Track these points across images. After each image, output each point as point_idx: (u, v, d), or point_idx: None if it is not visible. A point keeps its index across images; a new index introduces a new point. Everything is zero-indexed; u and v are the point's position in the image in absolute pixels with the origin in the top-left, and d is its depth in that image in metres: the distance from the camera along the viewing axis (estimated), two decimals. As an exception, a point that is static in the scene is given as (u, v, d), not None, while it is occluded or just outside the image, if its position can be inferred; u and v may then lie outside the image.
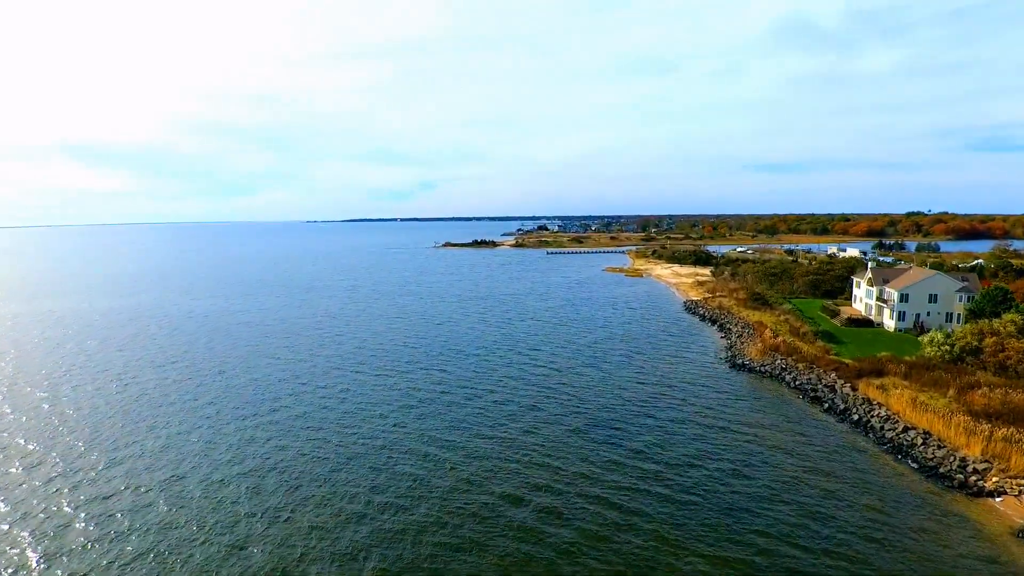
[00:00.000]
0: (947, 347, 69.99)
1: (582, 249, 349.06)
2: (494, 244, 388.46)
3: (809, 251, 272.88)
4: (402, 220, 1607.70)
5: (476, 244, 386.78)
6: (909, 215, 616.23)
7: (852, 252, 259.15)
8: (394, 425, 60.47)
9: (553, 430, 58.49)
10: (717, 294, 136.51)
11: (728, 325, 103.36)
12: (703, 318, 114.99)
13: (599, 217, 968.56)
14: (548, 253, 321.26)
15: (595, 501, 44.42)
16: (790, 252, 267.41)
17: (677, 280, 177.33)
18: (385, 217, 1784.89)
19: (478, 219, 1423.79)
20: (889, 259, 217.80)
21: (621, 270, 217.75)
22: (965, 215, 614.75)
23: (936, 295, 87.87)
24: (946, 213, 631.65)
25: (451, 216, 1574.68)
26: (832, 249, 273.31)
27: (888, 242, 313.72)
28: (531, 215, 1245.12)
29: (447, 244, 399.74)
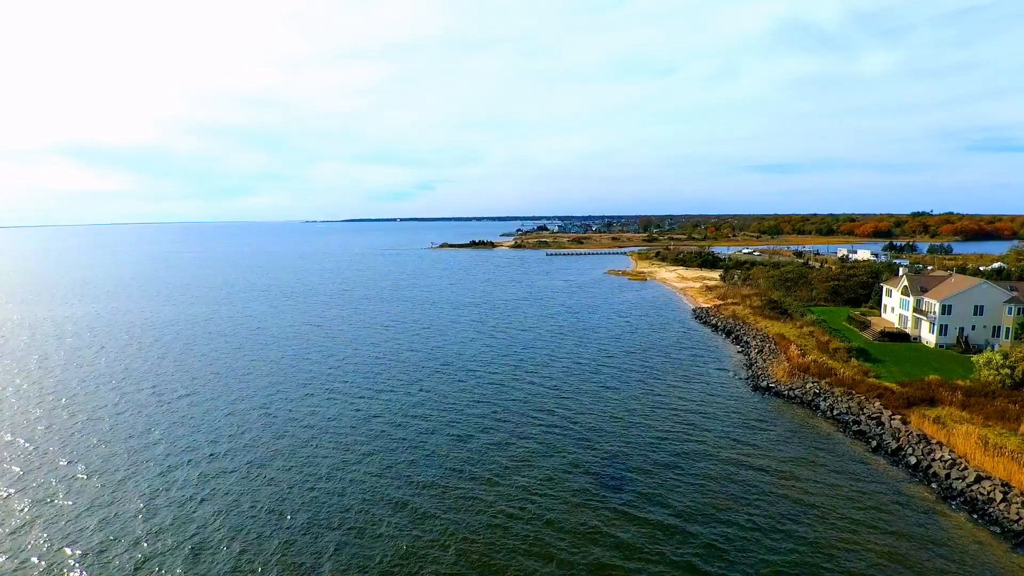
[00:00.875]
0: (1007, 370, 61.23)
1: (583, 251, 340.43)
2: (492, 245, 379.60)
3: (818, 253, 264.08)
4: (401, 220, 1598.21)
5: (474, 245, 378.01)
6: (915, 215, 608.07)
7: (863, 254, 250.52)
8: (372, 473, 51.62)
9: (567, 479, 49.44)
10: (728, 301, 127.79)
11: (745, 338, 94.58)
12: (716, 328, 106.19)
13: (599, 217, 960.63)
14: (548, 255, 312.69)
15: (612, 581, 35.68)
16: (799, 254, 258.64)
17: (683, 285, 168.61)
18: (384, 217, 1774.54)
19: (478, 219, 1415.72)
20: (905, 261, 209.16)
21: (624, 273, 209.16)
22: (971, 215, 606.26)
23: (982, 306, 79.11)
24: (952, 214, 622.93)
25: (451, 216, 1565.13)
26: (842, 251, 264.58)
27: (899, 243, 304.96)
28: (531, 215, 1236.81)
29: (444, 245, 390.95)
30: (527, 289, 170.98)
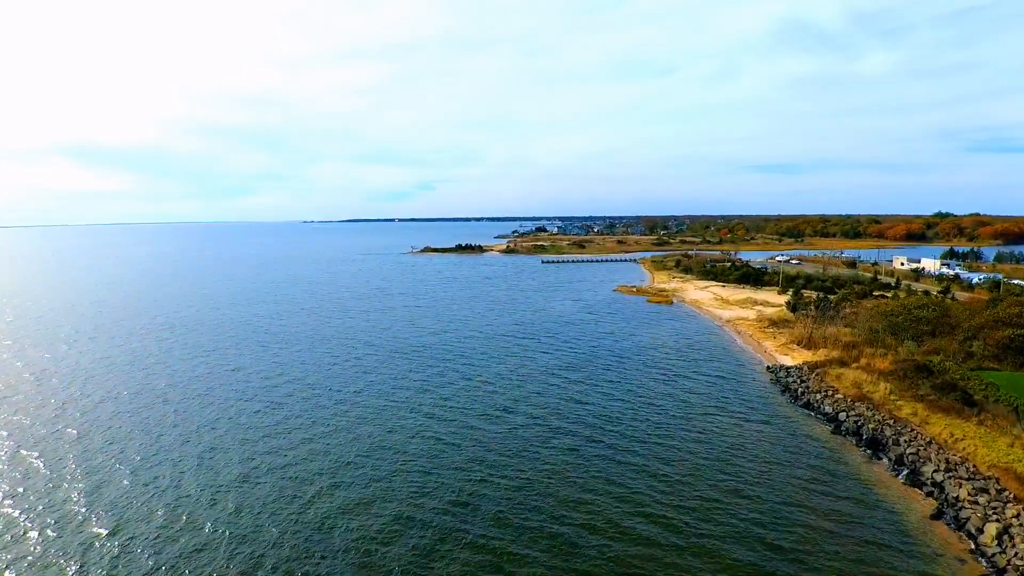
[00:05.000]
0: None
1: (585, 256, 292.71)
2: (481, 249, 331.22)
3: (875, 262, 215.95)
4: (400, 220, 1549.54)
5: (460, 249, 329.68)
6: (943, 216, 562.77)
7: (930, 263, 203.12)
8: None
9: None
10: (823, 355, 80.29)
11: (922, 467, 46.80)
12: (836, 424, 58.28)
13: (600, 218, 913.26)
14: (544, 262, 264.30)
15: None
16: (851, 263, 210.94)
17: (730, 313, 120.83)
18: (384, 217, 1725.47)
19: (477, 219, 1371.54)
20: (986, 275, 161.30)
21: (640, 291, 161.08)
22: (1003, 217, 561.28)
23: None
24: (979, 215, 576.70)
25: (451, 217, 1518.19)
26: (900, 259, 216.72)
27: (960, 249, 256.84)
28: (531, 215, 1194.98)
29: (427, 249, 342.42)
30: (514, 318, 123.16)
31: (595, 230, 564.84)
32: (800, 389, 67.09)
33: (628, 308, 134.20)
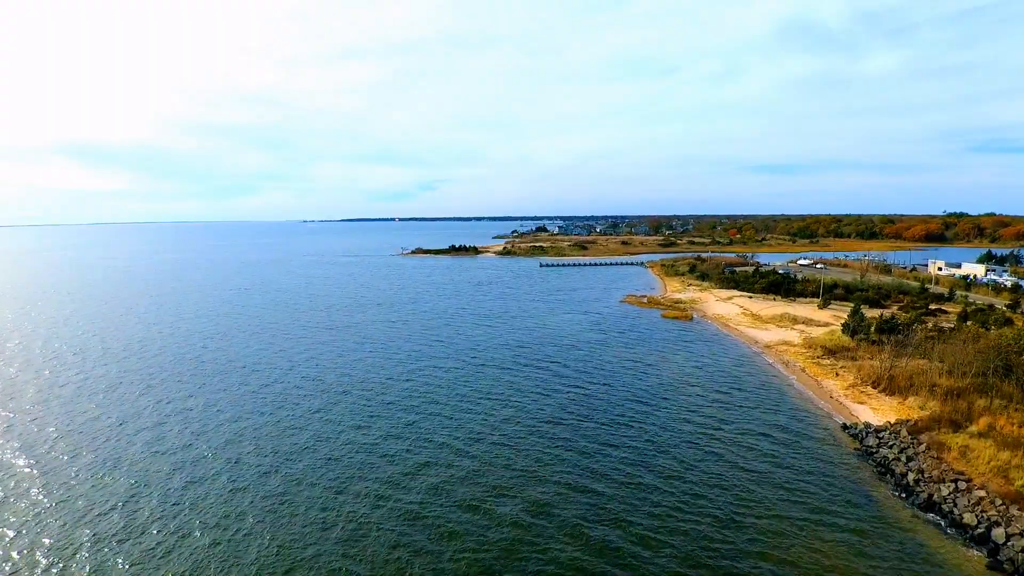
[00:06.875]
0: None
1: (587, 258, 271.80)
2: (476, 251, 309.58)
3: (912, 267, 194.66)
4: (401, 220, 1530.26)
5: (453, 251, 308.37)
6: (960, 216, 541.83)
7: (973, 268, 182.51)
8: None
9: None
10: (909, 399, 59.55)
11: None
12: (992, 551, 37.33)
13: (602, 217, 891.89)
14: (543, 265, 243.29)
15: None
16: (886, 268, 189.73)
17: (767, 335, 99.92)
18: (384, 217, 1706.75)
19: (478, 219, 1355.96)
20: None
21: (652, 302, 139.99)
22: (1020, 216, 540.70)
23: None
24: (994, 214, 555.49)
25: (452, 216, 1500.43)
26: (937, 263, 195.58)
27: (999, 251, 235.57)
28: (532, 215, 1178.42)
29: (417, 251, 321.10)
30: (506, 335, 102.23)
31: (597, 230, 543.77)
32: (910, 474, 45.98)
33: (641, 325, 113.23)
